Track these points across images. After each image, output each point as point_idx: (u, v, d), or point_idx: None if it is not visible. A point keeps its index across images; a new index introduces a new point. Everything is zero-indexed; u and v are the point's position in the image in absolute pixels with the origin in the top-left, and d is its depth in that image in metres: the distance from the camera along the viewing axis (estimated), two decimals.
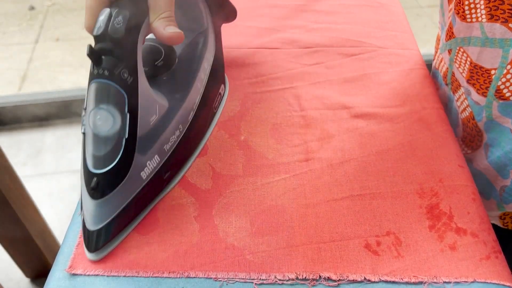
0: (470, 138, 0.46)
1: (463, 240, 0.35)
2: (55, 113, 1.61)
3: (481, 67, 0.41)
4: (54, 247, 1.15)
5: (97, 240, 0.34)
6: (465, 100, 0.45)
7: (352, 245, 0.35)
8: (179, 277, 0.33)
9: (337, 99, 0.47)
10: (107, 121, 0.31)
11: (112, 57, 0.31)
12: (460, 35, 0.44)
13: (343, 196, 0.38)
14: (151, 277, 0.33)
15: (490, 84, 0.40)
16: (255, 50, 0.54)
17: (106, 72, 0.31)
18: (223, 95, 0.47)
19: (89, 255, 0.34)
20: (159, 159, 0.36)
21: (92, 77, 0.32)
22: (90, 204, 0.33)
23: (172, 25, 0.34)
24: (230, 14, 0.47)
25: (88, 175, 0.32)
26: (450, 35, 0.46)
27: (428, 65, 0.52)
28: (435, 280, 0.33)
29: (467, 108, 0.45)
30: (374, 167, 0.40)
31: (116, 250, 0.35)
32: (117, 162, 0.32)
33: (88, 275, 0.33)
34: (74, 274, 0.34)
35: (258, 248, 0.35)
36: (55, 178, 1.45)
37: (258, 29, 0.57)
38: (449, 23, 0.47)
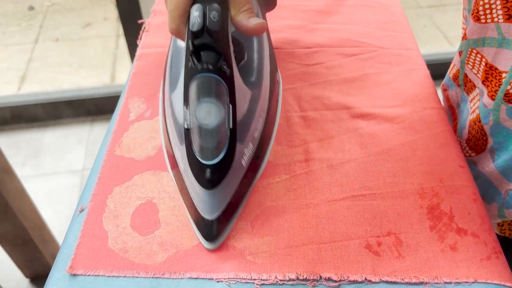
0: (475, 141, 0.46)
1: (464, 241, 0.35)
2: (54, 113, 1.61)
3: (496, 68, 0.40)
4: (54, 248, 1.15)
5: (217, 229, 0.35)
6: (477, 102, 0.45)
7: (353, 246, 0.35)
8: (179, 278, 0.33)
9: (337, 99, 0.47)
10: (214, 114, 0.33)
11: (213, 51, 0.33)
12: (473, 36, 0.43)
13: (344, 197, 0.38)
14: (151, 277, 0.33)
15: (499, 87, 0.40)
16: None
17: (210, 66, 0.32)
18: (279, 81, 0.48)
19: (208, 245, 0.35)
20: (252, 146, 0.37)
21: (194, 72, 0.33)
22: (204, 195, 0.34)
23: (254, 17, 0.35)
24: (272, 2, 0.50)
25: (199, 167, 0.33)
26: (462, 36, 0.46)
27: (428, 65, 0.52)
28: (436, 281, 0.32)
29: (476, 110, 0.45)
30: (375, 168, 0.40)
31: (116, 251, 0.35)
32: (226, 152, 0.33)
33: (88, 275, 0.33)
34: (74, 275, 0.33)
35: (258, 249, 0.35)
36: (54, 179, 1.45)
37: None
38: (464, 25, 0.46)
